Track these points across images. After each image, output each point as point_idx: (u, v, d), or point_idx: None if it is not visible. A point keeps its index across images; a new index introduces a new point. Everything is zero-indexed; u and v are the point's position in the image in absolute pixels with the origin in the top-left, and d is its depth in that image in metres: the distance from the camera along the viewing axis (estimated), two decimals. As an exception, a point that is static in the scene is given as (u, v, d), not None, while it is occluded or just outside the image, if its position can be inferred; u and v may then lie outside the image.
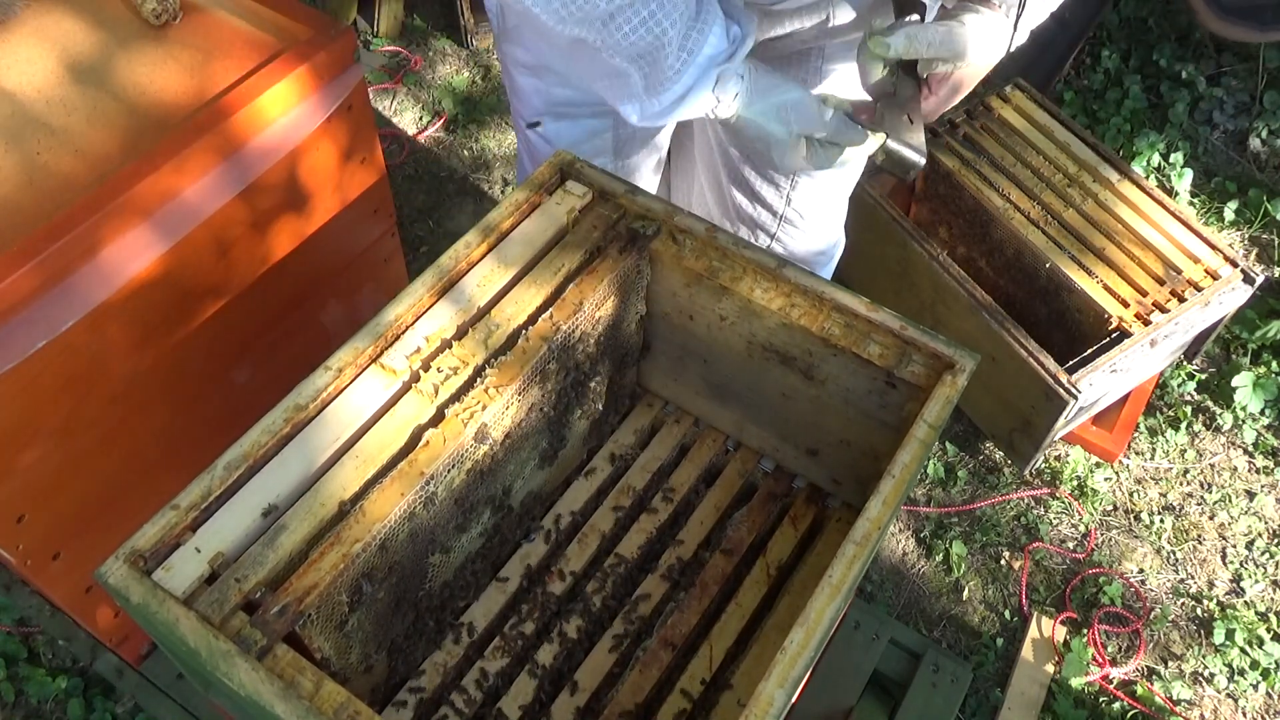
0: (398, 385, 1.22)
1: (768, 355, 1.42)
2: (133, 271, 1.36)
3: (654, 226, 1.39)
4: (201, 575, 1.06)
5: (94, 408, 1.43)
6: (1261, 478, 2.44)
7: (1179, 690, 2.12)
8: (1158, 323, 2.10)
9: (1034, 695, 2.09)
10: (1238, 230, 2.90)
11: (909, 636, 1.96)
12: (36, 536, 1.44)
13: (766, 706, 1.00)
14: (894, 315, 1.29)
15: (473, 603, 1.44)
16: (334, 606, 1.14)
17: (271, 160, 1.47)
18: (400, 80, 3.10)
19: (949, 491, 2.37)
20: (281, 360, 1.72)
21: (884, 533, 1.12)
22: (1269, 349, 2.60)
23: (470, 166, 2.94)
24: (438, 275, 1.30)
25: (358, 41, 1.54)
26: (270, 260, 1.60)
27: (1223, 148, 3.05)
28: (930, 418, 1.21)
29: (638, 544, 1.52)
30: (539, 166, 1.43)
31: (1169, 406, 2.52)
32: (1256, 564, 2.31)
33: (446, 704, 1.35)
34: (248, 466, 1.13)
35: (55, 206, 1.32)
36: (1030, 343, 2.08)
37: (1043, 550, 2.30)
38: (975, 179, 2.31)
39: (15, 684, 1.99)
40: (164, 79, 1.48)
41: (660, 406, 1.66)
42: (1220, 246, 2.18)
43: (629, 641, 1.43)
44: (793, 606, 1.43)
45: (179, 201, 1.38)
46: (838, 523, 1.53)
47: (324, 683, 1.01)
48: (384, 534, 1.15)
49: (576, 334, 1.35)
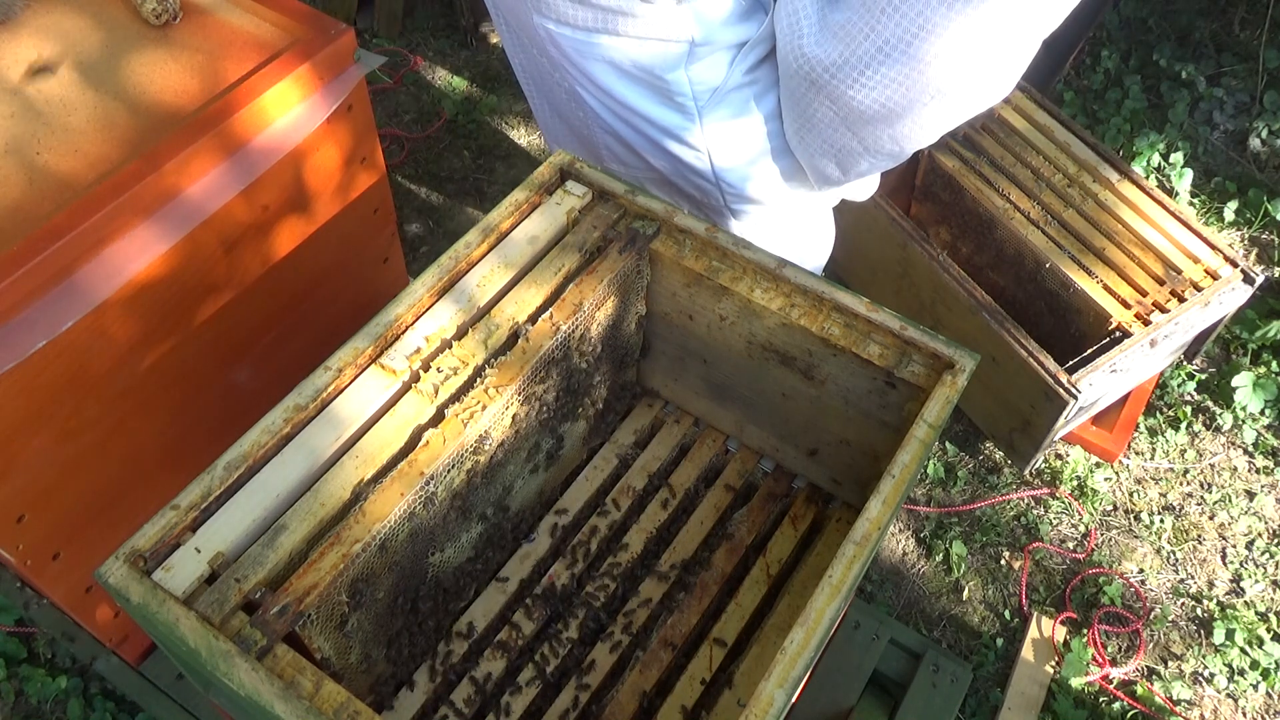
0: (398, 385, 1.22)
1: (768, 355, 1.42)
2: (133, 272, 1.35)
3: (654, 226, 1.39)
4: (201, 575, 1.07)
5: (94, 408, 1.43)
6: (1261, 478, 2.44)
7: (1179, 690, 2.12)
8: (1158, 323, 2.10)
9: (1034, 695, 2.09)
10: (1238, 230, 2.90)
11: (909, 636, 1.96)
12: (36, 536, 1.44)
13: (766, 706, 1.00)
14: (894, 315, 1.29)
15: (473, 603, 1.44)
16: (334, 606, 1.14)
17: (271, 160, 1.47)
18: (400, 80, 3.10)
19: (949, 491, 2.37)
20: (281, 360, 1.72)
21: (884, 533, 1.12)
22: (1269, 349, 2.60)
23: (470, 166, 2.94)
24: (438, 275, 1.30)
25: (357, 42, 1.54)
26: (270, 260, 1.60)
27: (1223, 148, 3.05)
28: (930, 418, 1.21)
29: (638, 544, 1.52)
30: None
31: (1169, 406, 2.52)
32: (1256, 564, 2.31)
33: (446, 704, 1.35)
34: (248, 466, 1.13)
35: (55, 206, 1.32)
36: (1030, 343, 2.08)
37: (1043, 550, 2.30)
38: (975, 179, 2.31)
39: (15, 684, 1.99)
40: (164, 79, 1.48)
41: (660, 406, 1.66)
42: (1220, 246, 2.18)
43: (629, 642, 1.43)
44: (793, 606, 1.43)
45: (179, 202, 1.38)
46: (838, 523, 1.54)
47: (324, 683, 1.01)
48: (384, 534, 1.15)
49: (576, 334, 1.35)
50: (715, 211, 1.79)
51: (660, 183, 1.79)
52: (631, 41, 1.53)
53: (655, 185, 1.80)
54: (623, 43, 1.54)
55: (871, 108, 1.50)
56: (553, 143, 1.95)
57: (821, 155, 1.65)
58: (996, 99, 1.52)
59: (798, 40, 1.51)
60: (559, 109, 1.80)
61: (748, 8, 1.55)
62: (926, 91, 1.46)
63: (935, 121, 1.53)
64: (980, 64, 1.43)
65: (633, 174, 1.79)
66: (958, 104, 1.50)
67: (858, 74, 1.46)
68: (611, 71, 1.59)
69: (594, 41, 1.55)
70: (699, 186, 1.74)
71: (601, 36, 1.54)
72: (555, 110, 1.83)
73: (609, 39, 1.54)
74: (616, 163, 1.78)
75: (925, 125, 1.54)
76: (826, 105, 1.54)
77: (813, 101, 1.55)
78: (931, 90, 1.46)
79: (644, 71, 1.57)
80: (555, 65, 1.65)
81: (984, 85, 1.48)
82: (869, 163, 1.63)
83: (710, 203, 1.77)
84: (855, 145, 1.59)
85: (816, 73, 1.50)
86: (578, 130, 1.79)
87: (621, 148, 1.73)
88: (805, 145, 1.65)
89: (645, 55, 1.55)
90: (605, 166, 1.79)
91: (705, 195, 1.76)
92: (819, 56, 1.48)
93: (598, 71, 1.60)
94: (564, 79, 1.67)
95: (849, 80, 1.47)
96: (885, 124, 1.53)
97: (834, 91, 1.50)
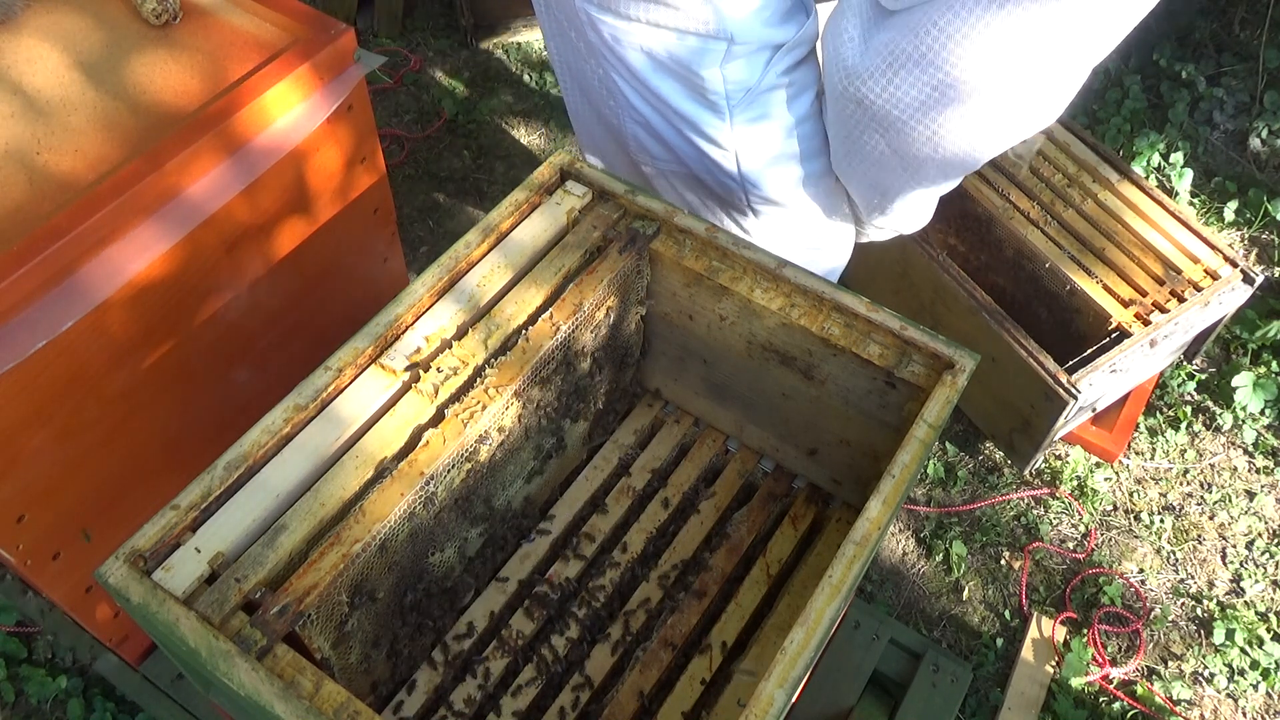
0: (398, 385, 1.22)
1: (768, 355, 1.42)
2: (133, 272, 1.35)
3: (654, 226, 1.39)
4: (201, 575, 1.07)
5: (94, 408, 1.43)
6: (1261, 478, 2.44)
7: (1179, 690, 2.12)
8: (1158, 323, 2.10)
9: (1034, 695, 2.09)
10: (1238, 230, 2.90)
11: (909, 636, 1.96)
12: (36, 536, 1.44)
13: (766, 706, 1.00)
14: (894, 315, 1.29)
15: (473, 603, 1.44)
16: (334, 606, 1.14)
17: (271, 160, 1.47)
18: (400, 80, 3.10)
19: (949, 491, 2.37)
20: (281, 360, 1.72)
21: (884, 533, 1.12)
22: (1269, 349, 2.60)
23: (470, 166, 2.94)
24: (438, 275, 1.30)
25: (357, 42, 1.54)
26: (270, 260, 1.60)
27: (1223, 148, 3.05)
28: (930, 418, 1.21)
29: (638, 544, 1.52)
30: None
31: (1169, 406, 2.52)
32: (1256, 564, 2.31)
33: (446, 705, 1.35)
34: (248, 466, 1.13)
35: (55, 206, 1.32)
36: (1030, 343, 2.08)
37: (1043, 550, 2.30)
38: (975, 179, 2.31)
39: (15, 684, 1.99)
40: (164, 79, 1.48)
41: (660, 406, 1.66)
42: (1220, 246, 2.18)
43: (629, 641, 1.43)
44: (793, 606, 1.43)
45: (179, 202, 1.38)
46: (838, 523, 1.53)
47: (324, 683, 1.01)
48: (384, 534, 1.15)
49: (577, 334, 1.35)
50: (738, 210, 1.80)
51: (685, 177, 1.79)
52: (670, 34, 1.54)
53: (680, 180, 1.80)
54: (661, 35, 1.55)
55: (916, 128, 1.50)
56: (580, 131, 1.94)
57: (863, 177, 1.66)
58: (1044, 125, 1.50)
59: (844, 69, 1.51)
60: (590, 96, 1.80)
61: (789, 8, 1.55)
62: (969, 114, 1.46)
63: (979, 145, 1.52)
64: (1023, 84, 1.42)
65: (658, 166, 1.79)
66: (1002, 125, 1.49)
67: (893, 87, 1.45)
68: (648, 62, 1.60)
69: (633, 30, 1.56)
70: (723, 184, 1.74)
71: (640, 26, 1.55)
72: (587, 98, 1.83)
73: (648, 30, 1.55)
74: (644, 154, 1.78)
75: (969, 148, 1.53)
76: (873, 129, 1.54)
77: (859, 123, 1.56)
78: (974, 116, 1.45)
79: (679, 65, 1.57)
80: (593, 51, 1.66)
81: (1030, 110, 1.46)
82: (911, 186, 1.64)
83: (734, 201, 1.78)
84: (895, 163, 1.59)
85: (855, 86, 1.49)
86: (607, 120, 1.79)
87: (650, 139, 1.74)
88: (850, 166, 1.66)
89: (682, 49, 1.55)
90: (632, 158, 1.79)
91: (729, 193, 1.76)
92: (859, 69, 1.48)
93: (634, 60, 1.61)
94: (600, 65, 1.67)
95: (881, 90, 1.47)
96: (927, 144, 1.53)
97: (878, 112, 1.50)
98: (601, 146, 1.90)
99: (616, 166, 1.91)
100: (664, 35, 1.55)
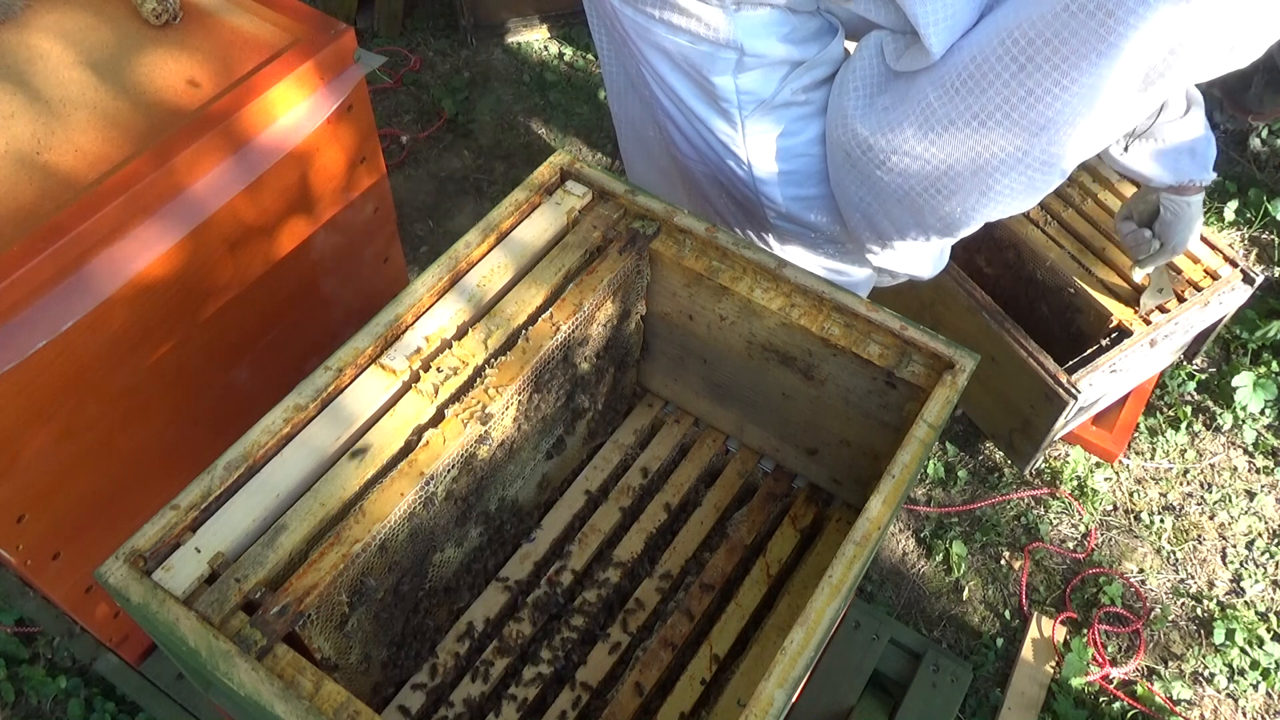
0: (398, 385, 1.22)
1: (768, 355, 1.42)
2: (133, 271, 1.36)
3: (654, 226, 1.39)
4: (201, 575, 1.07)
5: (94, 408, 1.43)
6: (1261, 478, 2.44)
7: (1179, 690, 2.12)
8: (1158, 323, 2.10)
9: (1034, 695, 2.09)
10: (1238, 230, 2.90)
11: (909, 636, 1.96)
12: (36, 536, 1.44)
13: (766, 706, 1.00)
14: (894, 315, 1.29)
15: (473, 603, 1.44)
16: (334, 606, 1.14)
17: (271, 160, 1.47)
18: (400, 80, 3.10)
19: (949, 491, 2.37)
20: (281, 360, 1.72)
21: (884, 533, 1.12)
22: (1269, 349, 2.60)
23: (470, 166, 2.94)
24: (438, 275, 1.30)
25: (357, 41, 1.54)
26: (270, 260, 1.60)
27: (1223, 148, 3.05)
28: (930, 417, 1.21)
29: (638, 544, 1.52)
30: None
31: (1169, 406, 2.52)
32: (1256, 564, 2.31)
33: (446, 704, 1.36)
34: (248, 466, 1.13)
35: (55, 206, 1.32)
36: (1030, 343, 2.08)
37: (1043, 550, 2.30)
38: (975, 179, 2.31)
39: (15, 684, 1.99)
40: (164, 79, 1.48)
41: (660, 406, 1.66)
42: (1220, 246, 2.18)
43: (629, 642, 1.43)
44: (793, 606, 1.43)
45: (178, 201, 1.38)
46: (838, 523, 1.54)
47: (324, 683, 1.01)
48: (384, 534, 1.15)
49: (577, 334, 1.35)
50: (759, 225, 1.81)
51: (711, 181, 1.79)
52: (684, 37, 1.55)
53: (709, 183, 1.81)
54: (676, 36, 1.56)
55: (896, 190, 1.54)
56: (617, 104, 1.94)
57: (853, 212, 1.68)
58: (1022, 210, 1.54)
59: (843, 114, 1.54)
60: (632, 79, 1.81)
61: (815, 29, 1.56)
62: (944, 188, 1.50)
63: (952, 223, 1.57)
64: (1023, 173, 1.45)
65: (688, 164, 1.80)
66: (976, 207, 1.53)
67: (885, 158, 1.50)
68: (665, 61, 1.61)
69: (650, 27, 1.57)
70: (744, 195, 1.76)
71: (659, 25, 1.56)
72: (628, 79, 1.84)
73: (665, 30, 1.56)
74: (674, 148, 1.80)
75: (942, 226, 1.57)
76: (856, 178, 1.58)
77: (847, 174, 1.59)
78: (949, 192, 1.50)
79: (693, 68, 1.58)
80: (627, 40, 1.68)
81: (1006, 197, 1.50)
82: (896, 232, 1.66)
83: (755, 215, 1.79)
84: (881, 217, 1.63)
85: (851, 147, 1.53)
86: (648, 103, 1.80)
87: (677, 133, 1.75)
88: (845, 211, 1.69)
89: (695, 54, 1.56)
90: (671, 143, 1.80)
91: (750, 205, 1.78)
92: (859, 133, 1.52)
93: (654, 57, 1.62)
94: (632, 55, 1.70)
95: (877, 162, 1.51)
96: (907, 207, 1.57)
97: (865, 170, 1.54)
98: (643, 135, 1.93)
99: (655, 159, 1.91)
100: (679, 37, 1.56)
